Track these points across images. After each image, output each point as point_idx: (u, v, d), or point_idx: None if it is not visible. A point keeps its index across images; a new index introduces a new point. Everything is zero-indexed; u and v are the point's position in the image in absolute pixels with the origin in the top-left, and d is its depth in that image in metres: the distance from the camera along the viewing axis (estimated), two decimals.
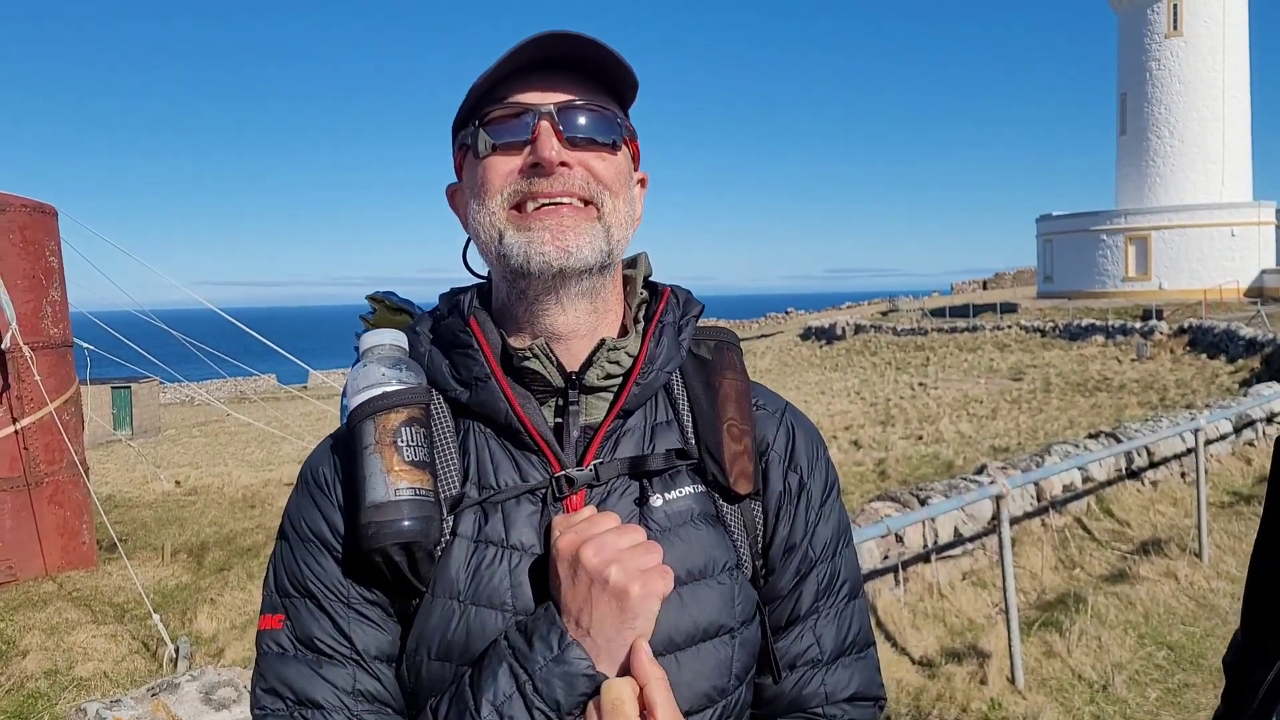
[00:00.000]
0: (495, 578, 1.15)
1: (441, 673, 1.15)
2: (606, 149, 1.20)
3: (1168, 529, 8.56)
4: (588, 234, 1.16)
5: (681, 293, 1.33)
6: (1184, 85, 47.96)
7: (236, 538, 9.96)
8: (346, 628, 1.17)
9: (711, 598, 1.20)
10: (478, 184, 1.20)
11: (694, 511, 1.22)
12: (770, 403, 1.34)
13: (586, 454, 1.21)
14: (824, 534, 1.31)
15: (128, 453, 23.81)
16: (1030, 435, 17.40)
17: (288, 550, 1.22)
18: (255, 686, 1.20)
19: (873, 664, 1.32)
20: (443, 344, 1.26)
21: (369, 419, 1.16)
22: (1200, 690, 5.50)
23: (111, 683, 6.22)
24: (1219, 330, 29.57)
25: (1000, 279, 75.07)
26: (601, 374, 1.22)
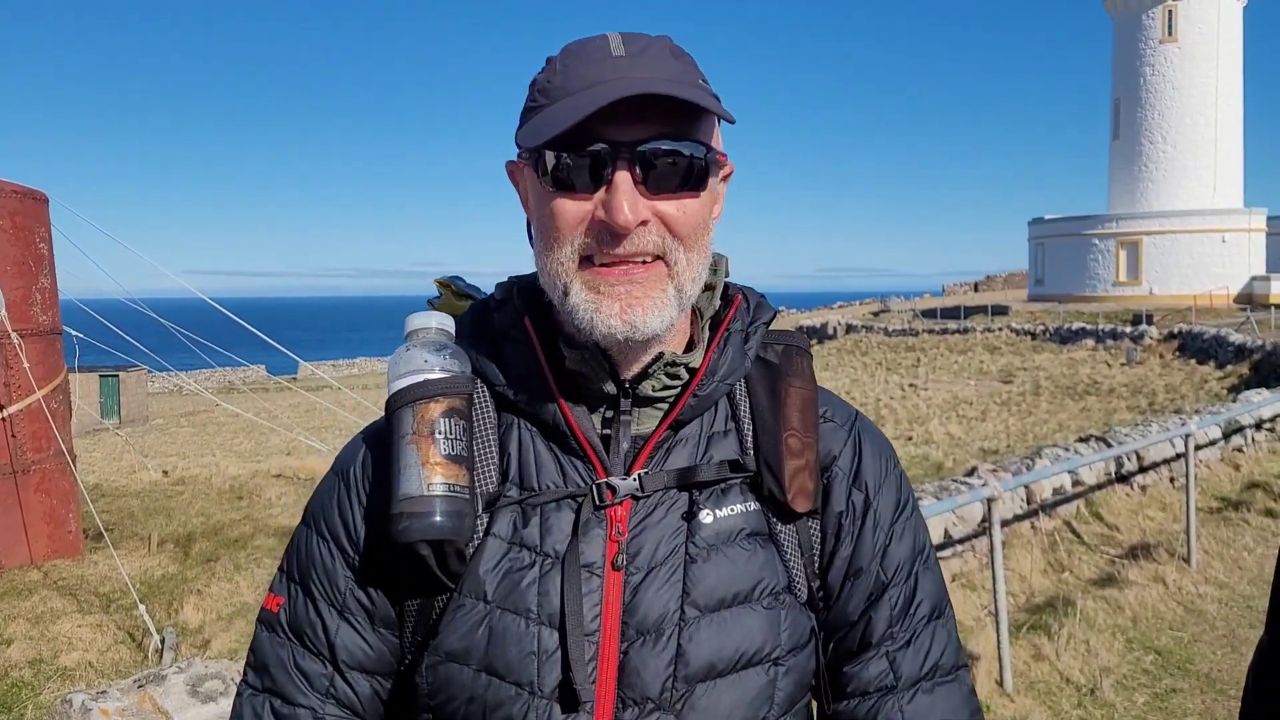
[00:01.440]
0: (524, 583, 1.11)
1: (459, 676, 1.12)
2: (688, 193, 1.08)
3: (1156, 534, 8.58)
4: (658, 304, 1.08)
5: (753, 297, 1.26)
6: (1177, 91, 48.13)
7: (224, 529, 9.91)
8: (334, 635, 1.17)
9: (756, 623, 1.14)
10: (543, 222, 1.10)
11: (744, 530, 1.16)
12: (839, 414, 1.26)
13: (635, 463, 1.15)
14: (897, 555, 1.22)
15: (115, 441, 23.70)
16: (1020, 438, 17.45)
17: (304, 538, 1.22)
18: (246, 660, 1.22)
19: (962, 690, 1.23)
20: (493, 334, 1.20)
21: (408, 407, 1.12)
22: (1187, 695, 5.52)
23: (96, 673, 6.18)
24: (1209, 336, 29.71)
25: (991, 281, 75.28)
26: (658, 385, 1.16)
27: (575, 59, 1.09)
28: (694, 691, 1.11)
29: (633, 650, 1.11)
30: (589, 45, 1.10)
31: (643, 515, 1.14)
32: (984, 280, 76.28)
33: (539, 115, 1.08)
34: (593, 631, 1.10)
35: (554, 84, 1.08)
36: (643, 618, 1.11)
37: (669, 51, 1.10)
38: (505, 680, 1.10)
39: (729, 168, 1.19)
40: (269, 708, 1.17)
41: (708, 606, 1.12)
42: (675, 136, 1.06)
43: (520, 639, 1.10)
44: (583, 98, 1.03)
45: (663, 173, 1.06)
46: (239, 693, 1.21)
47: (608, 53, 1.08)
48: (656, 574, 1.12)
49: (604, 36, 1.10)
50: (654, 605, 1.11)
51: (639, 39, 1.10)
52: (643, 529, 1.14)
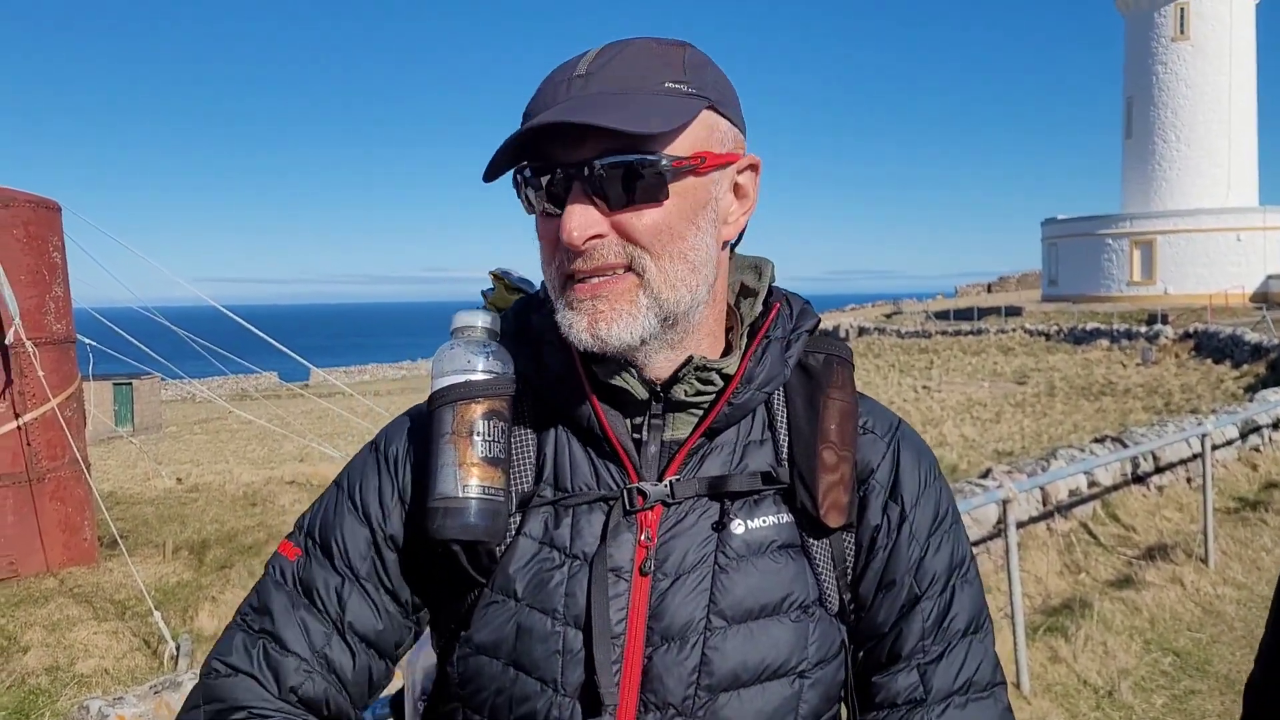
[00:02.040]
0: (552, 583, 1.13)
1: (488, 668, 1.14)
2: (647, 205, 1.07)
3: (1173, 534, 8.53)
4: (625, 315, 1.08)
5: (797, 302, 1.24)
6: (1190, 89, 47.92)
7: (238, 535, 9.95)
8: (345, 594, 1.18)
9: (783, 635, 1.13)
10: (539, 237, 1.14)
11: (775, 542, 1.15)
12: (879, 424, 1.25)
13: (668, 469, 1.15)
14: (932, 567, 1.20)
15: (129, 449, 23.81)
16: (1034, 439, 17.38)
17: (334, 500, 1.23)
18: (246, 601, 1.22)
19: (996, 706, 1.20)
20: (533, 335, 1.20)
21: (449, 406, 1.14)
22: (1206, 697, 5.47)
23: (112, 679, 6.20)
24: (1224, 335, 29.54)
25: (1005, 282, 75.03)
26: (690, 390, 1.15)
27: (547, 81, 1.10)
28: (717, 700, 1.11)
29: (657, 655, 1.11)
30: (564, 65, 1.10)
31: (673, 521, 1.14)
32: (997, 281, 76.05)
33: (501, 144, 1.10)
34: (618, 635, 1.11)
35: (527, 108, 1.10)
36: (668, 624, 1.11)
37: (644, 52, 1.09)
38: (531, 676, 1.12)
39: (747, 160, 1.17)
40: (261, 648, 1.17)
41: (734, 617, 1.12)
42: (622, 150, 1.05)
43: (546, 638, 1.11)
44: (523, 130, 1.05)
45: (612, 187, 1.06)
46: (231, 626, 1.20)
47: (571, 73, 1.08)
48: (684, 581, 1.12)
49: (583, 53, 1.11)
50: (680, 612, 1.12)
51: (615, 47, 1.09)
52: (673, 535, 1.14)
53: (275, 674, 1.15)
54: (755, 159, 1.18)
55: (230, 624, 1.21)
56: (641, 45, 1.10)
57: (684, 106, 1.07)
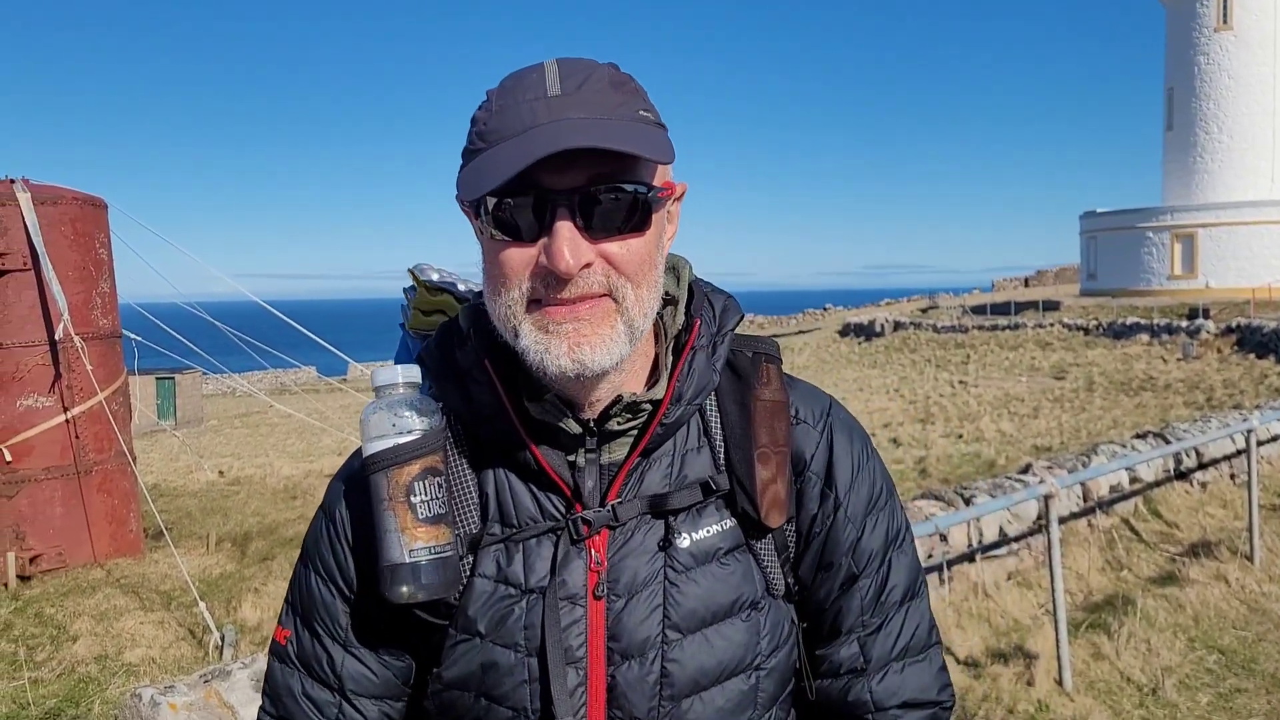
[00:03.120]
0: (511, 619, 1.16)
1: (461, 701, 1.20)
2: (632, 233, 1.08)
3: (1217, 531, 8.42)
4: (606, 339, 1.08)
5: (718, 300, 1.24)
6: (1233, 80, 47.10)
7: (279, 528, 10.07)
8: (339, 666, 1.24)
9: (736, 636, 1.18)
10: (490, 269, 1.11)
11: (722, 549, 1.19)
12: (810, 412, 1.26)
13: (609, 492, 1.17)
14: (868, 546, 1.25)
15: (172, 442, 24.13)
16: (1073, 435, 17.19)
17: (303, 574, 1.29)
18: (262, 691, 1.31)
19: (934, 665, 1.28)
20: (459, 372, 1.19)
21: (381, 473, 1.13)
22: (1252, 696, 5.41)
23: (159, 669, 6.30)
24: (1268, 330, 29.05)
25: (1042, 276, 74.20)
26: (622, 421, 1.16)
27: (509, 97, 1.07)
28: (680, 706, 1.17)
29: (619, 674, 1.15)
30: (524, 82, 1.08)
31: (621, 542, 1.17)
32: (1034, 275, 75.21)
33: (476, 161, 1.07)
34: (579, 658, 1.15)
35: (489, 126, 1.07)
36: (627, 643, 1.15)
37: (608, 82, 1.08)
38: (503, 706, 1.17)
39: (679, 189, 1.18)
40: None
41: (689, 627, 1.17)
42: (614, 178, 1.05)
43: (511, 670, 1.16)
44: (512, 147, 1.03)
45: (604, 215, 1.06)
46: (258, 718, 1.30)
47: (543, 91, 1.06)
48: (638, 599, 1.16)
49: (540, 69, 1.09)
50: (637, 630, 1.16)
51: (577, 70, 1.08)
52: (622, 556, 1.17)
53: None
54: (685, 187, 1.20)
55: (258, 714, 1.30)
56: (603, 70, 1.10)
57: (664, 136, 1.09)
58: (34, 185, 8.41)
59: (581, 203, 1.04)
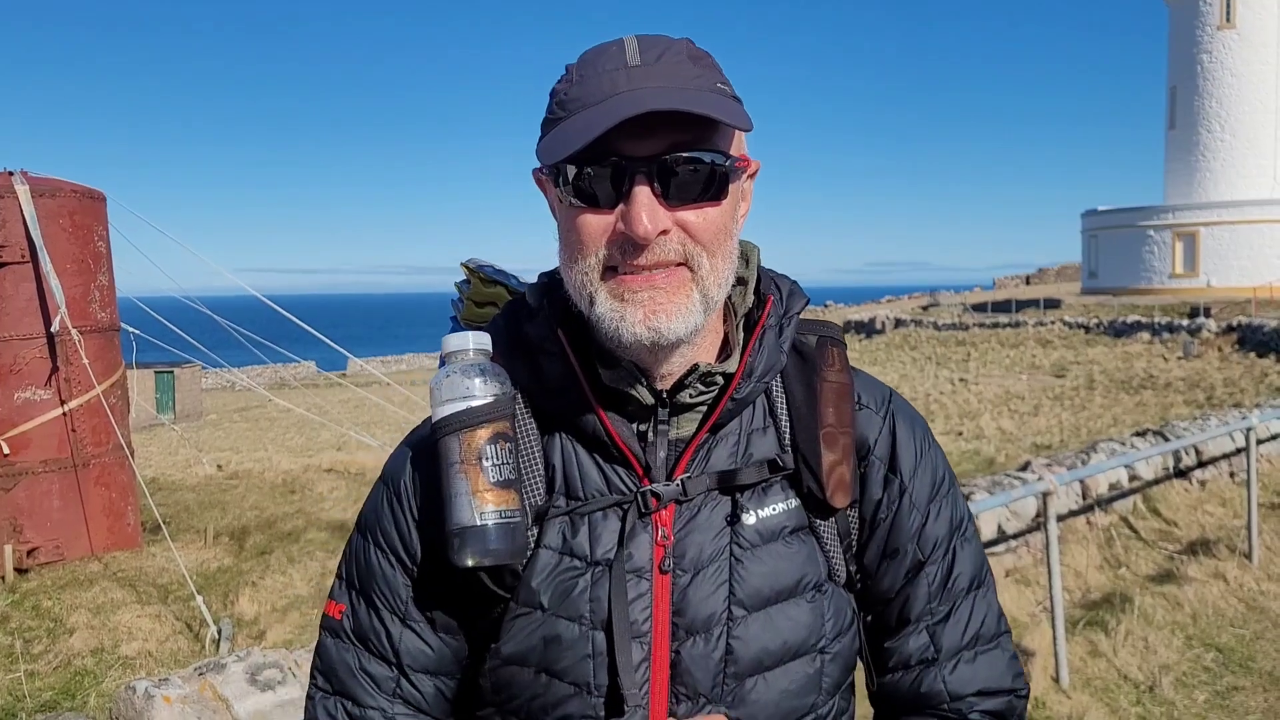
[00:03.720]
0: (576, 590, 1.16)
1: (520, 676, 1.18)
2: (709, 202, 1.09)
3: (1216, 529, 8.41)
4: (682, 309, 1.09)
5: (785, 284, 1.26)
6: (1235, 78, 47.03)
7: (277, 522, 10.06)
8: (398, 640, 1.22)
9: (800, 616, 1.18)
10: (567, 235, 1.13)
11: (786, 528, 1.19)
12: (874, 399, 1.28)
13: (676, 467, 1.18)
14: (933, 533, 1.26)
15: (171, 436, 24.14)
16: (1073, 433, 17.19)
17: (361, 546, 1.27)
18: (313, 664, 1.28)
19: (1004, 655, 1.28)
20: (529, 346, 1.21)
21: (454, 435, 1.13)
22: (1250, 693, 5.40)
23: (156, 662, 6.30)
24: (1269, 329, 29.03)
25: (1043, 274, 74.16)
26: (695, 394, 1.17)
27: (590, 69, 1.09)
28: (744, 685, 1.16)
29: (683, 649, 1.15)
30: (605, 54, 1.10)
31: (688, 518, 1.17)
32: (1036, 273, 75.18)
33: (556, 129, 1.09)
34: (644, 633, 1.14)
35: (570, 95, 1.09)
36: (692, 618, 1.15)
37: (687, 56, 1.10)
38: (563, 681, 1.16)
39: (754, 166, 1.19)
40: (341, 709, 1.24)
41: (754, 604, 1.16)
42: (692, 146, 1.07)
43: (575, 643, 1.15)
44: (595, 113, 1.04)
45: (682, 183, 1.07)
46: (310, 696, 1.27)
47: (623, 61, 1.08)
48: (704, 575, 1.16)
49: (620, 43, 1.11)
50: (702, 605, 1.15)
51: (656, 44, 1.10)
52: (688, 531, 1.17)
53: None
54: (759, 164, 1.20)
55: (308, 692, 1.28)
56: (681, 44, 1.12)
57: (742, 109, 1.10)
58: (32, 178, 8.40)
59: (660, 170, 1.06)
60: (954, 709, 1.24)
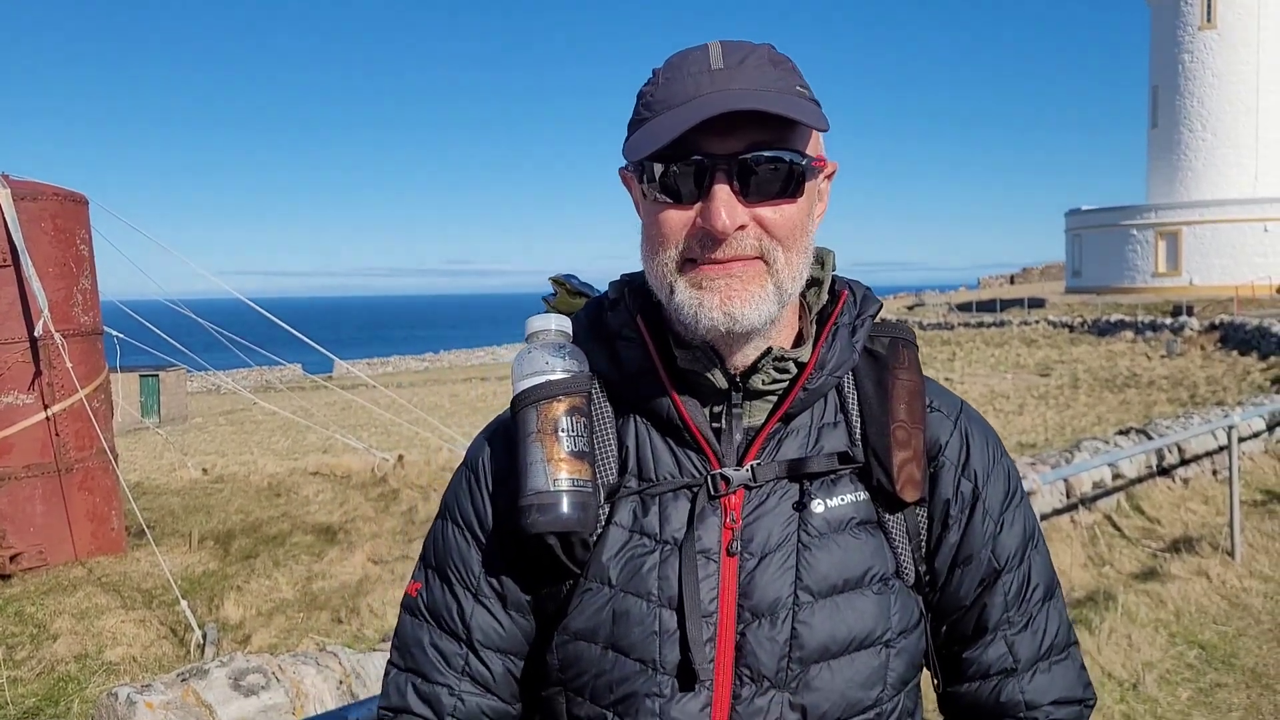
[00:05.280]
0: (645, 568, 1.18)
1: (587, 653, 1.20)
2: (786, 199, 1.14)
3: (1199, 527, 8.46)
4: (756, 298, 1.14)
5: (859, 290, 1.30)
6: (1217, 78, 47.35)
7: (263, 525, 10.02)
8: (469, 616, 1.26)
9: (867, 607, 1.20)
10: (650, 228, 1.18)
11: (854, 519, 1.21)
12: (945, 404, 1.30)
13: (747, 454, 1.21)
14: (1008, 542, 1.28)
15: (155, 440, 24.00)
16: (1058, 431, 17.27)
17: (440, 527, 1.31)
18: (392, 641, 1.32)
19: (1076, 664, 1.31)
20: (608, 333, 1.26)
21: (532, 406, 1.18)
22: (1233, 690, 5.43)
23: (140, 667, 6.27)
24: (1251, 327, 29.23)
25: (1028, 274, 74.53)
26: (767, 379, 1.21)
27: (675, 71, 1.15)
28: (808, 671, 1.17)
29: (749, 631, 1.17)
30: (689, 57, 1.15)
31: (756, 503, 1.20)
32: (1020, 273, 75.55)
33: (642, 129, 1.14)
34: (710, 613, 1.16)
35: (656, 97, 1.14)
36: (758, 601, 1.17)
37: (768, 60, 1.15)
38: (629, 657, 1.18)
39: (831, 167, 1.24)
40: (411, 686, 1.28)
41: (820, 592, 1.18)
42: (770, 145, 1.11)
43: (642, 620, 1.17)
44: (679, 113, 1.10)
45: (760, 181, 1.12)
46: (386, 671, 1.32)
47: (706, 65, 1.13)
48: (771, 559, 1.18)
49: (704, 47, 1.16)
50: (769, 589, 1.17)
51: (739, 49, 1.15)
52: (757, 517, 1.19)
53: (430, 705, 1.26)
54: (836, 165, 1.25)
55: (386, 667, 1.32)
56: (763, 49, 1.16)
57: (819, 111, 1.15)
58: (14, 181, 8.34)
59: (739, 168, 1.11)
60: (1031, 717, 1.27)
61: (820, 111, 1.15)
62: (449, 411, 29.96)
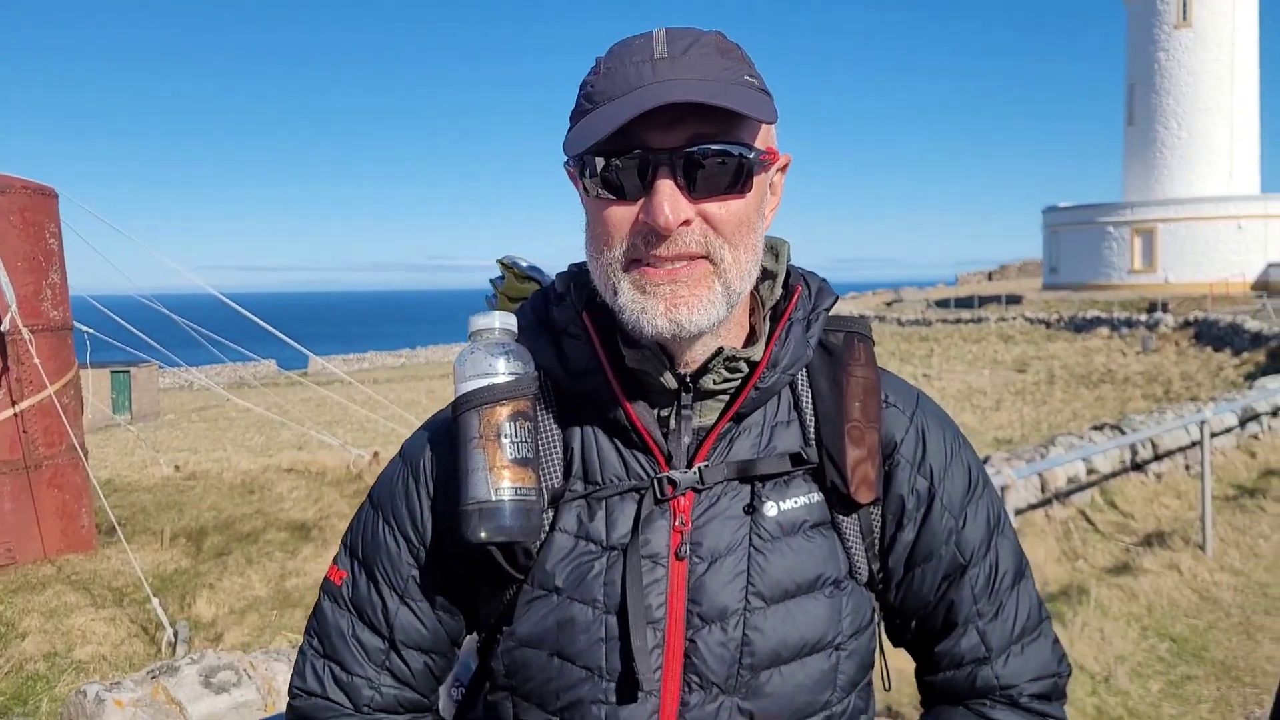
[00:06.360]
0: (591, 574, 1.15)
1: (534, 660, 1.18)
2: (733, 194, 1.09)
3: (1171, 521, 8.53)
4: (704, 301, 1.09)
5: (814, 281, 1.26)
6: (1192, 76, 47.77)
7: (235, 523, 9.94)
8: (393, 615, 1.23)
9: (819, 611, 1.17)
10: (593, 227, 1.13)
11: (808, 522, 1.18)
12: (901, 399, 1.27)
13: (697, 455, 1.17)
14: (972, 536, 1.25)
15: (127, 437, 23.80)
16: (1034, 427, 17.38)
17: (370, 518, 1.28)
18: (308, 623, 1.30)
19: (1049, 640, 1.30)
20: (554, 329, 1.21)
21: (474, 411, 1.14)
22: (1203, 682, 5.48)
23: (110, 666, 6.20)
24: (1224, 323, 29.51)
25: (1005, 270, 74.95)
26: (719, 379, 1.17)
27: (618, 61, 1.10)
28: (759, 677, 1.15)
29: (698, 637, 1.14)
30: (632, 46, 1.10)
31: (706, 505, 1.16)
32: (998, 269, 75.97)
33: (582, 121, 1.10)
34: (658, 619, 1.14)
35: (598, 88, 1.10)
36: (708, 606, 1.14)
37: (715, 48, 1.10)
38: (575, 664, 1.15)
39: (784, 160, 1.19)
40: (329, 672, 1.25)
41: (772, 597, 1.15)
42: (716, 139, 1.07)
43: (588, 627, 1.14)
44: (619, 105, 1.05)
45: (705, 175, 1.07)
46: (301, 650, 1.29)
47: (649, 54, 1.08)
48: (721, 563, 1.15)
49: (649, 35, 1.11)
50: (719, 594, 1.14)
51: (684, 35, 1.10)
52: (707, 520, 1.16)
53: (347, 694, 1.24)
54: (789, 158, 1.21)
55: (300, 647, 1.30)
56: (710, 36, 1.12)
57: (768, 102, 1.10)
58: None
59: (684, 162, 1.06)
60: (1005, 695, 1.26)
61: (769, 102, 1.11)
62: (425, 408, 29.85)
